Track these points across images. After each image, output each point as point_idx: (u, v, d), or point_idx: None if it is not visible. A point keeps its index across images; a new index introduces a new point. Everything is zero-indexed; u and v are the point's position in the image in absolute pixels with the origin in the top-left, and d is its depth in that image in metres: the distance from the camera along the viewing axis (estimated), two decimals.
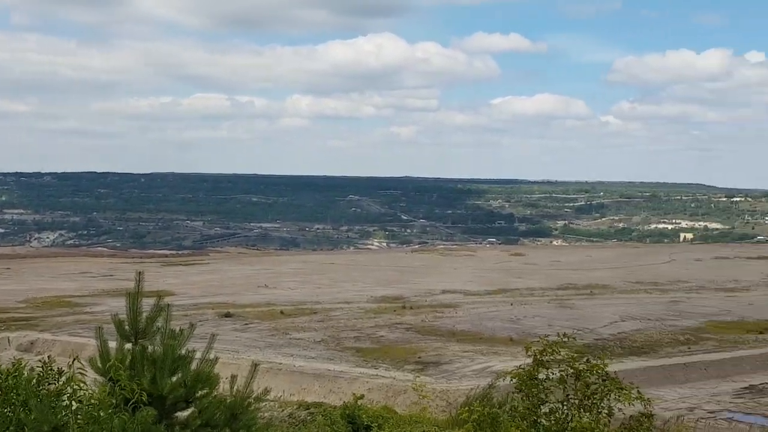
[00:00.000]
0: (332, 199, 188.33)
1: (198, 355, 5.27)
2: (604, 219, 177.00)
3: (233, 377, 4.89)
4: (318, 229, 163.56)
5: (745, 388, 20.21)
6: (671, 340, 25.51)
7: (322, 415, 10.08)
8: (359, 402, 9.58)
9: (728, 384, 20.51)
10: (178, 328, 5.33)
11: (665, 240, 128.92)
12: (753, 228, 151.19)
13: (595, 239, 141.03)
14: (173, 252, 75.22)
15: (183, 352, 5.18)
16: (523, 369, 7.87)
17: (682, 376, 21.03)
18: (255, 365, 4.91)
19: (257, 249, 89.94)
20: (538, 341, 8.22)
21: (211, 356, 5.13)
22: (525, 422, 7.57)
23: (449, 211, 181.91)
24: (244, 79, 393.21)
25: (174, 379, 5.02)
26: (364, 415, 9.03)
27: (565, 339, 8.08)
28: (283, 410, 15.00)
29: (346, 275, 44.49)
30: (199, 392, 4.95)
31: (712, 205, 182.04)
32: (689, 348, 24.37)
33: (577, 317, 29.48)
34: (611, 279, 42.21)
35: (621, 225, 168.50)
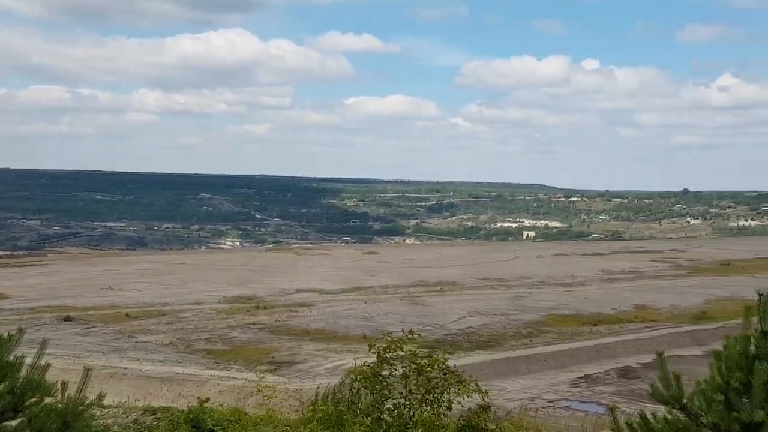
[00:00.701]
0: (182, 198, 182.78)
1: (29, 360, 4.88)
2: (454, 218, 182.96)
3: (64, 383, 4.56)
4: (167, 228, 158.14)
5: (581, 377, 21.44)
6: (515, 334, 26.63)
7: (168, 420, 9.69)
8: (206, 405, 9.29)
9: (566, 374, 21.68)
10: (6, 333, 4.92)
11: (510, 238, 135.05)
12: (588, 226, 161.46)
13: (445, 237, 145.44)
14: (7, 253, 70.21)
15: (11, 358, 4.78)
16: (368, 366, 7.92)
17: (524, 367, 22.02)
18: (87, 370, 4.60)
19: (101, 249, 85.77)
20: (382, 338, 8.31)
21: (43, 362, 4.77)
22: (369, 419, 7.62)
23: (304, 210, 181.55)
24: (87, 72, 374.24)
25: (1, 387, 4.62)
26: (209, 419, 8.76)
27: (409, 336, 8.21)
28: (127, 416, 14.31)
29: (197, 275, 43.26)
30: (29, 400, 4.59)
31: (552, 204, 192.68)
32: (531, 341, 25.53)
33: (428, 314, 30.19)
34: (460, 276, 43.56)
35: (470, 224, 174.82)
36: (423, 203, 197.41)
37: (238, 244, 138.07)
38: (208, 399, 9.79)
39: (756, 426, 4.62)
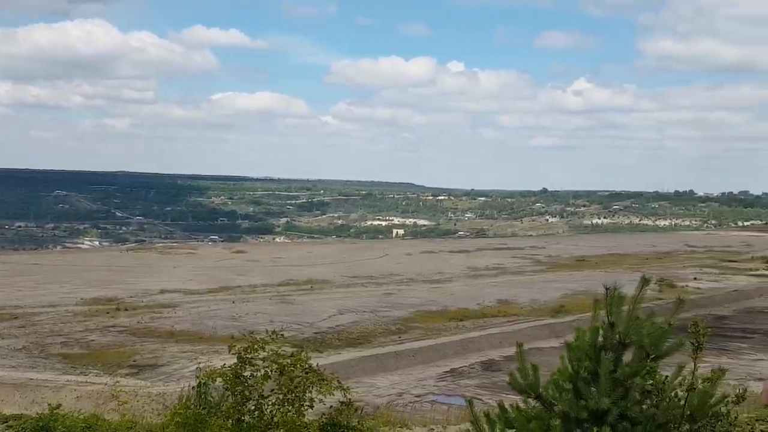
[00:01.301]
0: (36, 195, 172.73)
1: None
2: (324, 216, 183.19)
3: None
4: (19, 227, 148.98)
5: (447, 371, 21.99)
6: (384, 331, 26.94)
7: (16, 429, 9.13)
8: (58, 411, 8.82)
9: (433, 369, 22.17)
10: None
11: (380, 236, 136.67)
12: (455, 224, 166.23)
13: (316, 236, 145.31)
14: None
15: None
16: (229, 368, 7.82)
17: (393, 363, 22.32)
18: None
19: None
20: (243, 338, 8.23)
21: None
22: (230, 420, 7.53)
23: (169, 208, 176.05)
24: None
25: None
26: (60, 426, 8.33)
27: (272, 336, 8.16)
28: None
29: (52, 276, 40.99)
30: None
31: (421, 203, 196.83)
32: (400, 337, 25.91)
33: (298, 312, 30.03)
34: (331, 274, 43.61)
35: (340, 222, 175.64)
36: (293, 201, 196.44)
37: (97, 243, 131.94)
38: (59, 405, 9.29)
39: (602, 413, 4.93)
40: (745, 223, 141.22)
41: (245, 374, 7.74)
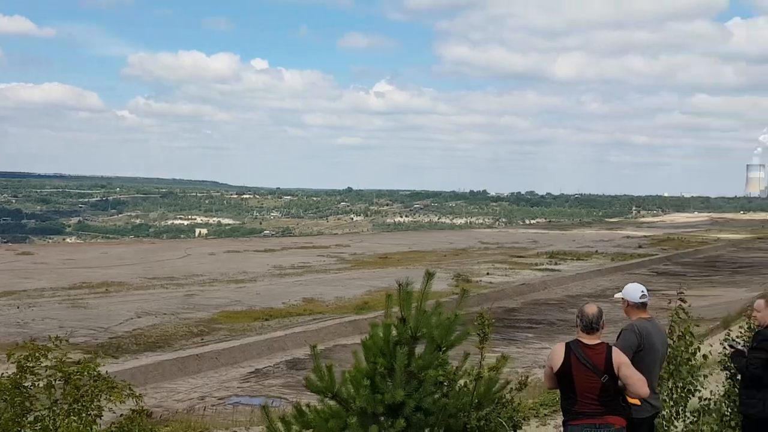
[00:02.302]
0: None
1: None
2: (121, 215, 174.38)
3: None
4: None
5: (252, 372, 21.74)
6: (186, 333, 26.14)
7: None
8: None
9: (237, 370, 21.82)
10: None
11: (182, 236, 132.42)
12: (261, 223, 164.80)
13: (112, 236, 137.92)
14: None
15: None
16: (8, 378, 7.24)
17: (195, 366, 21.69)
18: None
19: None
20: (25, 346, 7.65)
21: None
22: None
23: None
24: None
25: None
26: None
27: (56, 342, 7.67)
28: None
29: None
30: None
31: (225, 202, 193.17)
32: (202, 339, 25.27)
33: (92, 316, 28.34)
34: (128, 276, 41.60)
35: (138, 221, 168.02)
36: (86, 200, 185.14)
37: None
38: None
39: (398, 405, 5.09)
40: (532, 221, 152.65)
41: (26, 384, 7.19)
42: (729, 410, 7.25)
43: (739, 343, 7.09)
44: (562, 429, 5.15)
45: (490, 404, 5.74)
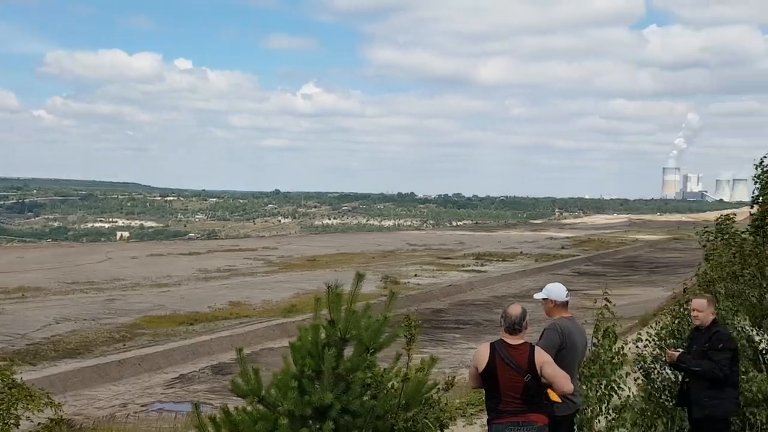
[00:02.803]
0: None
1: None
2: (38, 218, 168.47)
3: None
4: None
5: (176, 378, 21.33)
6: (107, 339, 25.48)
7: None
8: None
9: (161, 376, 21.37)
10: None
11: (102, 239, 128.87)
12: (185, 226, 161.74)
13: (28, 240, 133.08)
14: None
15: None
16: None
17: (116, 373, 21.15)
18: None
19: None
20: None
21: None
22: None
23: None
24: None
25: None
26: None
27: None
28: None
29: None
30: None
31: (148, 204, 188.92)
32: (125, 345, 24.67)
33: (7, 323, 27.30)
34: (46, 280, 40.24)
35: (57, 224, 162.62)
36: (1, 202, 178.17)
37: None
38: None
39: (326, 408, 5.08)
40: (458, 223, 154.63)
41: None
42: (648, 407, 7.49)
43: (675, 346, 7.19)
44: (487, 428, 5.24)
45: (418, 405, 5.79)
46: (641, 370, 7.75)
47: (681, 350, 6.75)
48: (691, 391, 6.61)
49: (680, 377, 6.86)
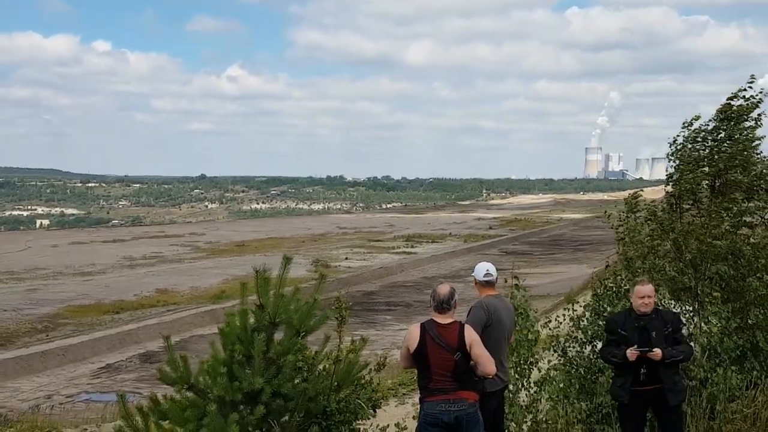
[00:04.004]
0: None
1: None
2: None
3: None
4: None
5: (102, 368, 20.93)
6: (29, 329, 24.79)
7: None
8: None
9: (86, 366, 20.92)
10: None
11: (21, 227, 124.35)
12: (108, 212, 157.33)
13: None
14: None
15: None
16: None
17: (40, 364, 20.60)
18: None
19: None
20: None
21: None
22: None
23: None
24: None
25: None
26: None
27: None
28: None
29: None
30: None
31: (68, 190, 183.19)
32: (47, 335, 24.04)
33: None
34: None
35: None
36: None
37: None
38: None
39: (257, 392, 5.06)
40: (388, 206, 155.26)
41: None
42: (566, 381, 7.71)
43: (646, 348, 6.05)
44: (419, 406, 5.31)
45: (350, 386, 5.82)
46: (560, 349, 7.93)
47: (663, 347, 5.95)
48: (663, 380, 6.01)
49: (642, 370, 6.03)
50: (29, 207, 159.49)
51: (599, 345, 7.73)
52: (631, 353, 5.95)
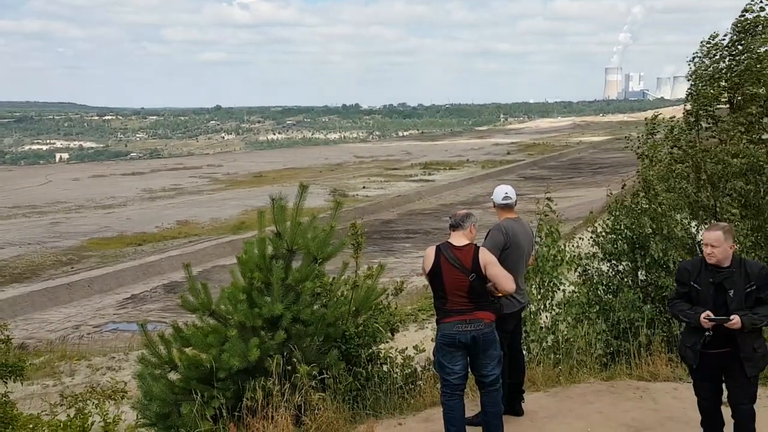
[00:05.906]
0: None
1: None
2: None
3: None
4: None
5: (128, 298, 21.36)
6: (54, 262, 25.25)
7: None
8: None
9: (112, 297, 21.37)
10: None
11: (41, 161, 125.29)
12: (126, 145, 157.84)
13: None
14: None
15: None
16: None
17: (66, 296, 21.06)
18: None
19: None
20: None
21: None
22: None
23: None
24: None
25: None
26: None
27: None
28: None
29: None
30: None
31: (86, 124, 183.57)
32: (72, 267, 24.50)
33: None
34: None
35: None
36: None
37: None
38: None
39: (277, 318, 5.15)
40: (405, 133, 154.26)
41: None
42: (588, 300, 7.79)
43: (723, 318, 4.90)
44: (436, 328, 5.38)
45: (368, 311, 5.90)
46: (579, 267, 7.97)
47: (742, 314, 4.91)
48: (740, 347, 4.99)
49: (706, 333, 4.99)
50: (48, 141, 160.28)
51: (618, 265, 7.74)
52: (705, 321, 4.96)
